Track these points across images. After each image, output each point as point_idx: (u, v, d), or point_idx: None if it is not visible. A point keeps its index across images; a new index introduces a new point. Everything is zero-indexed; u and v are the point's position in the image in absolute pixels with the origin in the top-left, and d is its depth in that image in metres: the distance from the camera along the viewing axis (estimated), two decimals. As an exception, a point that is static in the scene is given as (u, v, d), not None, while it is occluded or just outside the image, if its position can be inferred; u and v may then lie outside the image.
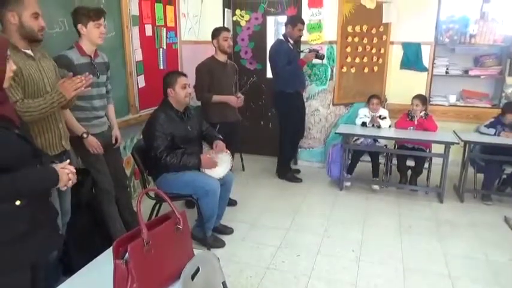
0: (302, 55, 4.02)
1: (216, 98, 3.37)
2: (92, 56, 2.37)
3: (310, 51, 3.83)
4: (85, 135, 2.30)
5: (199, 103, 3.56)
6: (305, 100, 4.32)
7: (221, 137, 2.86)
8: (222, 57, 3.41)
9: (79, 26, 2.29)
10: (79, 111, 2.32)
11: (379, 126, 3.91)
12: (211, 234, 2.80)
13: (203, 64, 3.39)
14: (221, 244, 2.80)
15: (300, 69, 3.95)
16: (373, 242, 2.92)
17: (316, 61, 4.25)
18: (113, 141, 2.58)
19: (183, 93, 2.63)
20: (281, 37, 3.89)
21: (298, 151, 4.57)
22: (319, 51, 3.84)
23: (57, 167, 1.47)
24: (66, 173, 1.47)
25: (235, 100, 3.47)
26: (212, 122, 3.13)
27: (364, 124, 3.94)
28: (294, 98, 3.99)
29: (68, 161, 1.55)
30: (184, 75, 2.70)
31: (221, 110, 3.42)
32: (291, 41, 3.87)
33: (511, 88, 4.35)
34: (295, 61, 3.85)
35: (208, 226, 2.73)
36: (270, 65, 3.94)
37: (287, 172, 4.25)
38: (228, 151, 2.77)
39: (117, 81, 2.75)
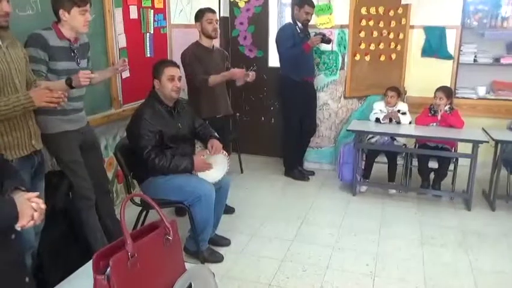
0: (310, 41, 4.05)
1: (213, 78, 3.29)
2: (72, 41, 2.37)
3: (316, 34, 3.85)
4: (69, 81, 2.21)
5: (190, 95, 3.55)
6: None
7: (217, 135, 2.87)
8: (207, 42, 3.38)
9: (60, 11, 2.26)
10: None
11: (398, 122, 3.91)
12: (206, 246, 2.79)
13: (188, 50, 3.37)
14: (217, 258, 2.80)
15: (307, 55, 3.96)
16: (391, 255, 2.92)
17: (324, 47, 4.24)
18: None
19: (170, 86, 2.61)
20: (290, 20, 3.97)
21: (306, 151, 4.58)
22: (326, 35, 3.84)
23: (20, 198, 1.25)
24: (31, 207, 1.25)
25: (240, 71, 3.38)
26: (201, 118, 3.12)
27: (378, 120, 3.94)
28: (301, 87, 4.03)
29: (37, 193, 1.35)
30: (175, 65, 2.69)
31: (212, 103, 3.41)
32: (299, 24, 3.92)
33: (549, 79, 4.35)
34: (301, 45, 3.87)
35: (203, 237, 2.73)
36: (277, 49, 4.03)
37: (294, 169, 4.30)
38: (225, 152, 2.77)
39: (97, 71, 2.74)
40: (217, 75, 3.32)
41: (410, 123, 3.94)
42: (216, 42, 3.73)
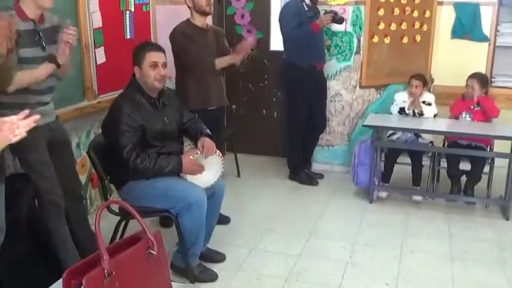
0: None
1: (222, 60, 3.33)
2: (37, 21, 2.36)
3: (326, 12, 3.85)
4: (52, 59, 2.24)
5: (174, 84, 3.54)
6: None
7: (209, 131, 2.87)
8: (199, 21, 3.38)
9: None
10: (17, 95, 2.31)
11: (420, 114, 3.91)
12: (197, 262, 2.79)
13: (177, 30, 3.36)
14: (210, 276, 2.80)
15: (316, 37, 3.96)
16: (415, 272, 2.91)
17: (336, 28, 4.24)
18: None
19: (152, 74, 2.61)
20: None
21: (315, 150, 4.59)
22: (338, 13, 3.84)
23: None
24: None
25: (247, 44, 3.40)
26: (190, 110, 3.11)
27: (402, 110, 3.94)
28: (308, 74, 4.03)
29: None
30: (159, 49, 2.69)
31: (204, 92, 3.41)
32: (307, 1, 3.93)
33: None
34: (308, 25, 3.87)
35: (193, 252, 2.72)
36: (280, 29, 4.04)
37: (300, 172, 4.30)
38: (218, 151, 2.77)
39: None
40: (223, 58, 3.33)
41: (435, 116, 3.95)
42: (209, 21, 3.72)
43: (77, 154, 3.23)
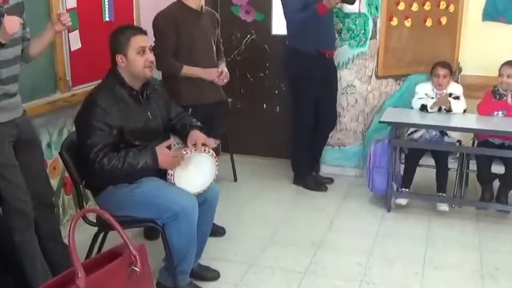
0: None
1: (188, 70, 3.38)
2: (1, 1, 2.36)
3: None
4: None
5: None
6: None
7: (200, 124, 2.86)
8: (193, 2, 3.39)
9: None
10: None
11: (448, 110, 3.90)
12: (188, 281, 2.78)
13: (164, 14, 3.37)
14: (202, 297, 2.80)
15: (324, 19, 3.96)
16: (440, 292, 2.93)
17: (348, 9, 4.23)
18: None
19: (141, 61, 2.61)
20: None
21: (323, 150, 4.58)
22: None
23: None
24: None
25: (216, 74, 3.47)
26: (181, 105, 3.12)
27: (424, 107, 3.94)
28: (315, 62, 4.04)
29: None
30: (142, 31, 2.69)
31: (195, 86, 3.42)
32: None
33: None
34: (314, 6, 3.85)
35: (182, 268, 2.71)
36: (283, 12, 4.03)
37: (306, 175, 4.29)
38: (211, 150, 2.76)
39: (33, 38, 2.72)
40: (193, 68, 3.37)
41: (464, 111, 3.94)
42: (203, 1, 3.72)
43: (48, 155, 3.21)
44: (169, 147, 2.69)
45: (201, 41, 3.44)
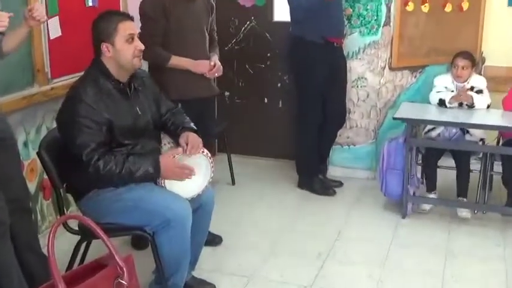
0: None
1: (176, 61, 3.37)
2: None
3: None
4: None
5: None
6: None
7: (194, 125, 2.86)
8: None
9: None
10: None
11: (470, 106, 3.90)
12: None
13: None
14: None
15: (331, 4, 3.97)
16: (461, 307, 2.93)
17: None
18: None
19: (130, 50, 2.61)
20: None
21: (331, 150, 4.59)
22: None
23: None
24: None
25: (207, 67, 3.47)
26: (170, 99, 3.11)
27: (442, 102, 3.94)
28: (322, 51, 4.04)
29: None
30: (129, 17, 2.70)
31: (183, 78, 3.41)
32: None
33: None
34: None
35: (174, 281, 2.69)
36: None
37: (313, 178, 4.29)
38: (206, 151, 2.76)
39: (10, 28, 2.72)
40: (181, 59, 3.37)
41: (488, 106, 3.94)
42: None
43: (25, 155, 3.19)
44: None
45: (192, 28, 3.43)
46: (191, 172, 2.63)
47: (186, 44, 3.41)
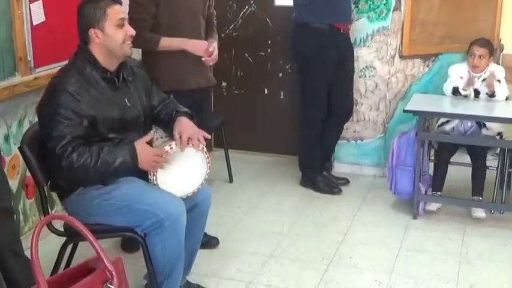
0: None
1: (167, 42, 3.34)
2: None
3: None
4: None
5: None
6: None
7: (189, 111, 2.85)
8: None
9: None
10: None
11: (491, 95, 3.88)
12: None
13: None
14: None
15: None
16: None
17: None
18: None
19: (121, 35, 2.62)
20: None
21: (337, 145, 4.59)
22: None
23: None
24: None
25: (203, 47, 3.42)
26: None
27: (456, 91, 3.91)
28: (327, 38, 4.05)
29: None
30: (118, 1, 2.69)
31: (179, 67, 3.40)
32: None
33: None
34: None
35: (167, 287, 2.70)
36: None
37: (317, 175, 4.28)
38: (202, 144, 2.74)
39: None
40: (173, 39, 3.33)
41: (507, 98, 3.93)
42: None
43: (6, 151, 3.21)
44: (150, 143, 2.67)
45: (187, 13, 3.41)
46: (166, 160, 2.61)
47: (178, 30, 3.38)
